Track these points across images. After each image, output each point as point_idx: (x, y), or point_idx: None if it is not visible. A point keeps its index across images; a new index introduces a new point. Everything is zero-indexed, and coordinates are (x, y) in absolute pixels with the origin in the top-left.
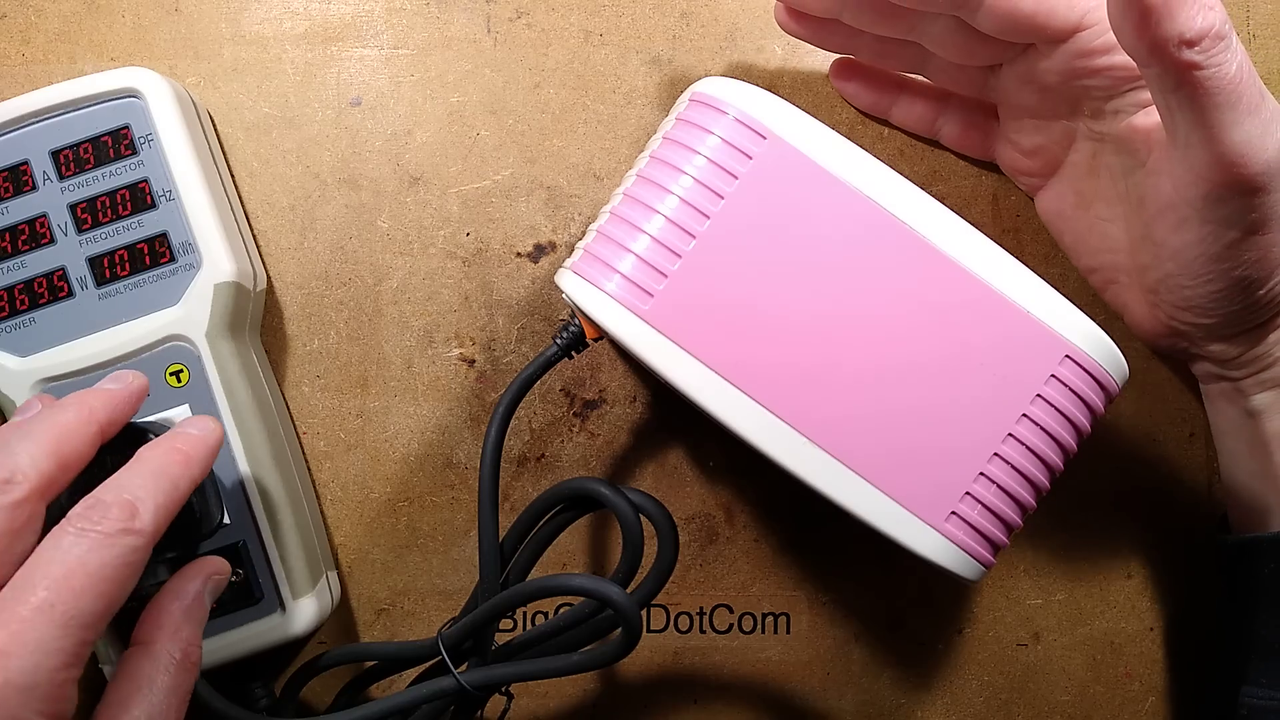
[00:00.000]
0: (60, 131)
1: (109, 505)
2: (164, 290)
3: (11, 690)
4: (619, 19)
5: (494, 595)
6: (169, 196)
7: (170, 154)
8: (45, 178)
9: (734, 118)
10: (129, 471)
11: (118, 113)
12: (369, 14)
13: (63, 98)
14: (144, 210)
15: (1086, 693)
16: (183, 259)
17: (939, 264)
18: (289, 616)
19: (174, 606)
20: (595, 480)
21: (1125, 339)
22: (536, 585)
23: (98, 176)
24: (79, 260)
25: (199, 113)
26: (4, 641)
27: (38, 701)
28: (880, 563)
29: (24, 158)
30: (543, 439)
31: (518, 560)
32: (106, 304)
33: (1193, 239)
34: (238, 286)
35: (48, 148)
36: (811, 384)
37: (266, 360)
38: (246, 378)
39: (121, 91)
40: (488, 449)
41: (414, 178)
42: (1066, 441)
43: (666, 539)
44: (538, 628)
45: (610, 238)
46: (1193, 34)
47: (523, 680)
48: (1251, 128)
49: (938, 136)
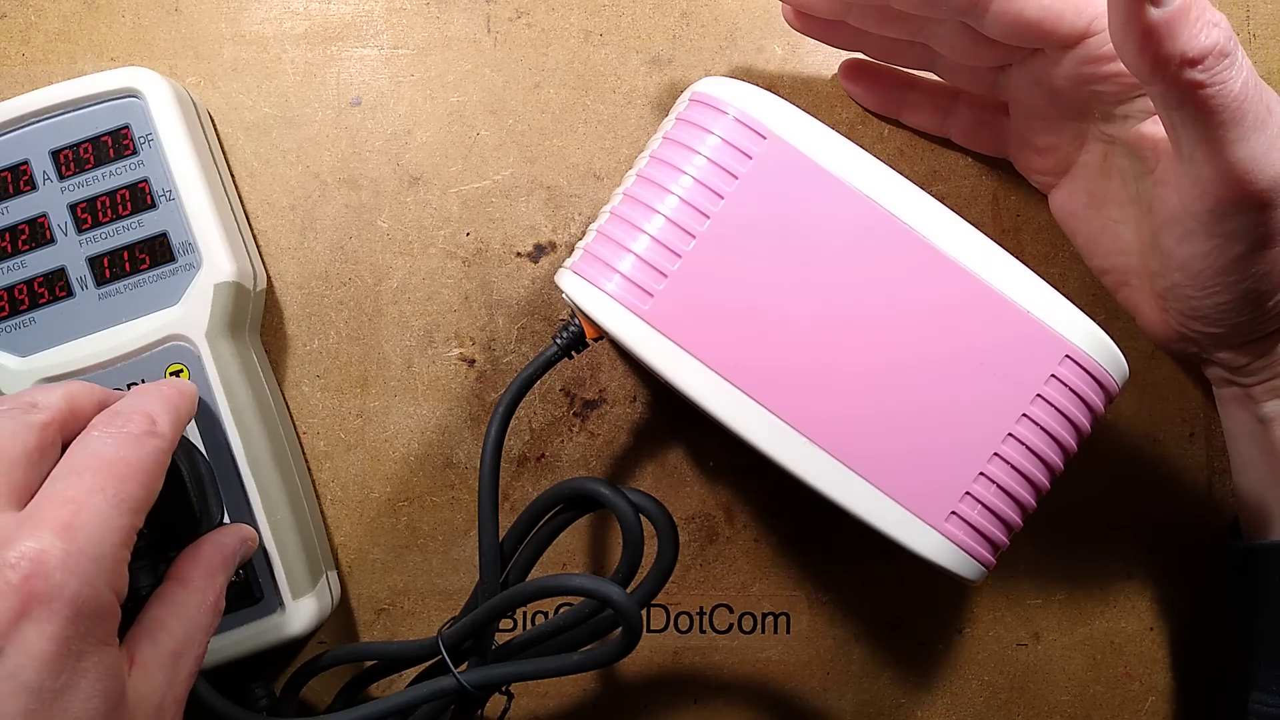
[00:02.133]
0: (60, 131)
1: (130, 414)
2: (164, 290)
3: (85, 560)
4: (619, 19)
5: (494, 595)
6: (169, 196)
7: (170, 154)
8: (45, 177)
9: (734, 117)
10: (135, 394)
11: (118, 113)
12: (369, 14)
13: (63, 98)
14: (144, 210)
15: (1086, 693)
16: (183, 259)
17: (939, 264)
18: (289, 616)
19: (213, 551)
20: (595, 480)
21: (1125, 338)
22: (536, 585)
23: (98, 176)
24: (79, 260)
25: (199, 112)
26: (68, 516)
27: (106, 574)
28: (880, 563)
29: (24, 157)
30: (543, 439)
31: (518, 560)
32: (107, 304)
33: (1199, 252)
34: (238, 286)
35: (48, 147)
36: (811, 384)
37: (266, 360)
38: (246, 377)
39: (121, 91)
40: (488, 449)
41: (414, 178)
42: (1067, 441)
43: (666, 539)
44: (538, 627)
45: (610, 238)
46: (1196, 53)
47: (523, 680)
48: (1257, 144)
49: (948, 135)
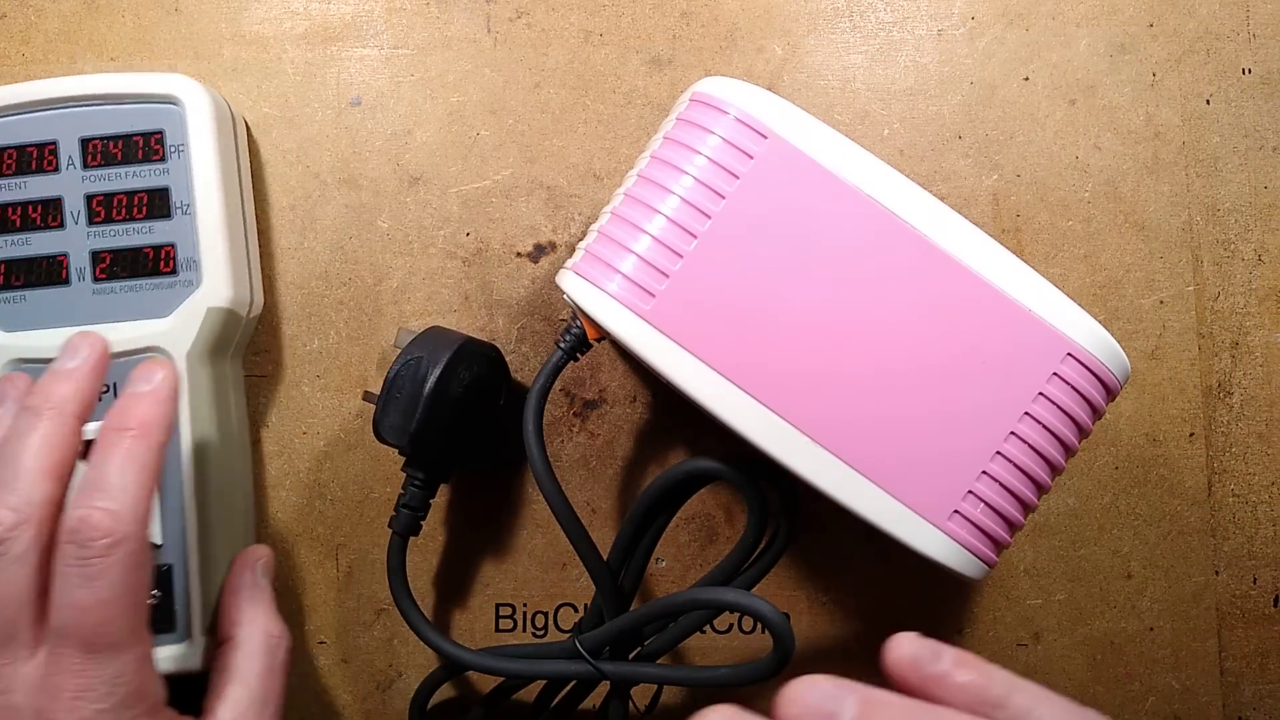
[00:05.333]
0: (95, 120)
1: (91, 525)
2: (158, 300)
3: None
4: (619, 19)
5: (617, 598)
6: (185, 210)
7: (197, 170)
8: (70, 162)
9: (735, 117)
10: (96, 469)
11: (156, 116)
12: (369, 14)
13: (105, 89)
14: (158, 217)
15: (1086, 693)
16: (183, 274)
17: (941, 262)
18: (192, 650)
19: (236, 599)
20: (700, 460)
21: (1126, 337)
22: (688, 597)
23: (121, 174)
24: (83, 251)
25: (236, 129)
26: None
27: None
28: (880, 563)
29: (54, 138)
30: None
31: (629, 568)
32: (99, 300)
33: None
34: (230, 313)
35: (79, 134)
36: (813, 383)
37: (242, 386)
38: (215, 407)
39: (164, 96)
40: (539, 472)
41: (414, 178)
42: (1069, 439)
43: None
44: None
45: (611, 238)
46: None
47: (670, 684)
48: None
49: None
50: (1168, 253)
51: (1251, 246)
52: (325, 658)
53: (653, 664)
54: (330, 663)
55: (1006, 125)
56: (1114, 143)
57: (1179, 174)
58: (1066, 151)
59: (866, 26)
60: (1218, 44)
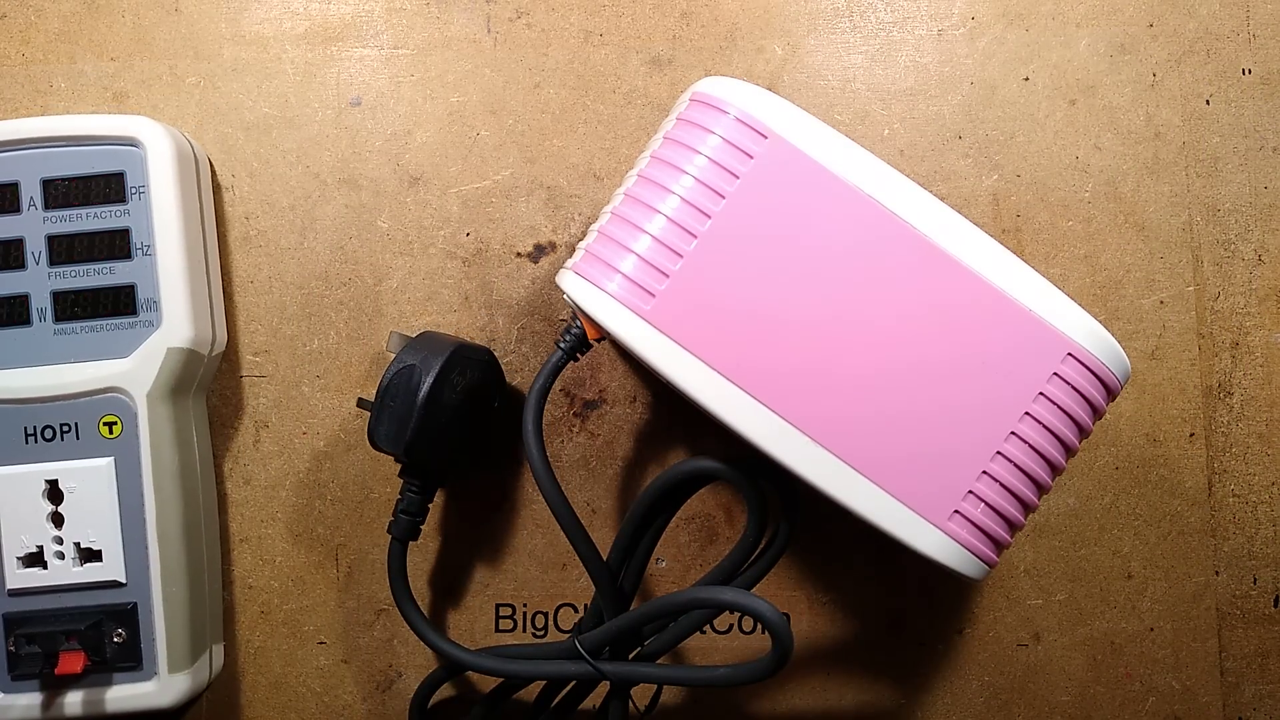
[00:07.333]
0: (57, 162)
1: None
2: (118, 341)
3: None
4: (619, 19)
5: (617, 598)
6: (146, 251)
7: (157, 211)
8: (31, 203)
9: (735, 117)
10: None
11: (117, 158)
12: (369, 14)
13: (67, 130)
14: (119, 258)
15: (1086, 693)
16: (143, 315)
17: (941, 262)
18: (160, 688)
19: None
20: (700, 460)
21: (1126, 337)
22: (688, 597)
23: (82, 215)
24: (44, 291)
25: (199, 169)
26: None
27: None
28: (881, 563)
29: (16, 179)
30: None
31: (629, 568)
32: (60, 340)
33: None
34: (191, 352)
35: (41, 175)
36: (813, 383)
37: (206, 423)
38: (177, 445)
39: (125, 138)
40: (539, 472)
41: (414, 178)
42: (1069, 439)
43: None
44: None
45: (611, 238)
46: None
47: (669, 684)
48: None
49: None
50: (1168, 253)
51: (1251, 246)
52: (325, 658)
53: (652, 664)
54: (330, 663)
55: (1006, 125)
56: (1114, 143)
57: (1179, 174)
58: (1066, 152)
59: (866, 26)
60: (1218, 44)
